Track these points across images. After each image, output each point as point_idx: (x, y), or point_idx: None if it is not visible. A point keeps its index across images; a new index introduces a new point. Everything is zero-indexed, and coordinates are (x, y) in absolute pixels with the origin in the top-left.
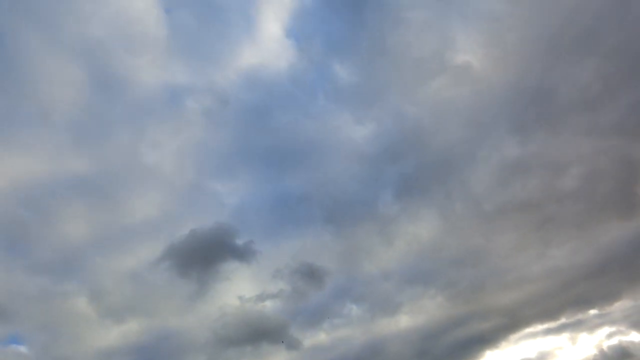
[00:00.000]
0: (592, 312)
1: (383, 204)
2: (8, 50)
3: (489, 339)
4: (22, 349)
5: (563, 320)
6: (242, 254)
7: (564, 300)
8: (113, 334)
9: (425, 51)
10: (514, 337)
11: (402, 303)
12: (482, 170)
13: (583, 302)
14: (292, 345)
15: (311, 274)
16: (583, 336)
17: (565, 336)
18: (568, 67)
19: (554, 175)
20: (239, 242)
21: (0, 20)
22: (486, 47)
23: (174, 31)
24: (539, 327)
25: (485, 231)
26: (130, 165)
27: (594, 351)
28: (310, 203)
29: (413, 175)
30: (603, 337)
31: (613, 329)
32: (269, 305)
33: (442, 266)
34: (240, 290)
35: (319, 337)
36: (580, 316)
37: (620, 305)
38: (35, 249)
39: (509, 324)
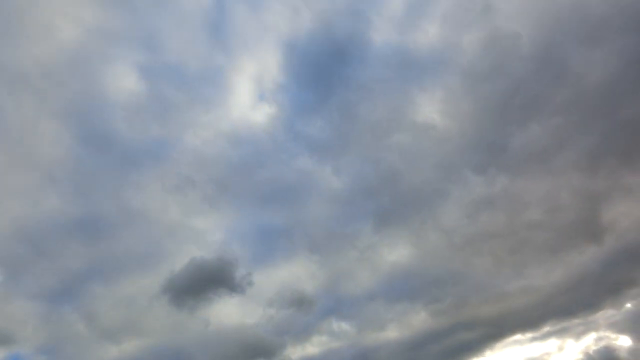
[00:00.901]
0: (576, 320)
1: (363, 235)
2: (8, 117)
3: (475, 347)
4: None
5: (547, 328)
6: (236, 284)
7: (547, 311)
8: (111, 353)
9: (389, 112)
10: (499, 345)
11: (388, 319)
12: (454, 204)
13: (566, 312)
14: None
15: (301, 300)
16: (569, 342)
17: (551, 342)
18: (520, 123)
19: (520, 209)
20: (232, 272)
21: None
22: (444, 109)
23: (154, 98)
24: (524, 335)
25: (463, 255)
26: (119, 208)
27: (580, 356)
28: (294, 237)
29: (389, 209)
30: (590, 343)
31: (600, 334)
32: (262, 328)
33: (425, 286)
34: (233, 317)
35: (309, 351)
36: (564, 324)
37: (604, 314)
38: (36, 279)
39: (494, 332)
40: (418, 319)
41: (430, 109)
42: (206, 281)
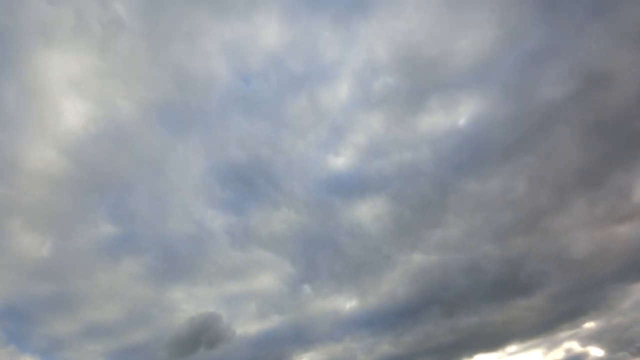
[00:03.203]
0: (540, 340)
1: (322, 294)
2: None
3: None
4: None
5: (513, 348)
6: (218, 339)
7: (507, 336)
8: None
9: (322, 224)
10: None
11: (355, 352)
12: (399, 271)
13: (527, 334)
14: None
15: (274, 347)
16: (537, 354)
17: (520, 357)
18: (435, 224)
19: (454, 276)
20: (214, 329)
21: None
22: (372, 215)
23: (116, 209)
24: (488, 354)
25: (415, 303)
26: (95, 287)
27: None
28: (261, 302)
29: (343, 274)
30: (559, 357)
31: (568, 346)
32: None
33: (385, 326)
34: None
35: None
36: (528, 344)
37: (566, 334)
38: (33, 340)
39: (457, 354)
40: (383, 349)
41: (359, 217)
42: (192, 335)
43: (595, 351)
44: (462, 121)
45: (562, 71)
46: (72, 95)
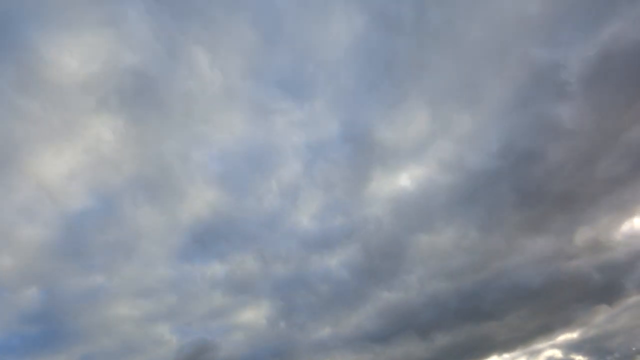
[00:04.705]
0: (518, 351)
1: (299, 325)
2: None
3: None
4: None
5: (494, 357)
6: None
7: (486, 347)
8: None
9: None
10: None
11: None
12: (371, 304)
13: (506, 347)
14: None
15: None
16: None
17: None
18: (396, 270)
19: (421, 309)
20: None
21: None
22: (340, 265)
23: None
24: None
25: (390, 330)
26: (87, 325)
27: None
28: (247, 333)
29: (316, 308)
30: None
31: (550, 354)
32: None
33: (361, 349)
34: None
35: None
36: (508, 356)
37: (544, 344)
38: None
39: None
40: None
41: (328, 263)
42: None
43: (579, 359)
44: (405, 184)
45: (489, 151)
46: (72, 184)
